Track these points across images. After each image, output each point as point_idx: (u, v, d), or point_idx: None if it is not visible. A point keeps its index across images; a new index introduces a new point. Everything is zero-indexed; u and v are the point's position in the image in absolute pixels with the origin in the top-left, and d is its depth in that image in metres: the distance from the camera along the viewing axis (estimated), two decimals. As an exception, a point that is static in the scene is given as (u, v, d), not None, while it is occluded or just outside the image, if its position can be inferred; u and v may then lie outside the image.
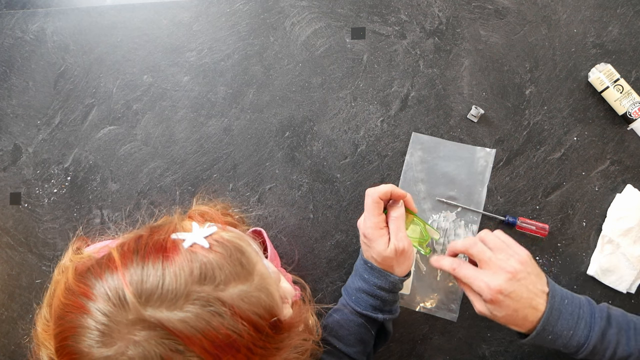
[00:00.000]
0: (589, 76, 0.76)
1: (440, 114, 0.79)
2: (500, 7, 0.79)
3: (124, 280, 0.42)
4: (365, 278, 0.67)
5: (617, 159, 0.76)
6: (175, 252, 0.44)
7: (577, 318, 0.59)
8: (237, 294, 0.44)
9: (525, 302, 0.58)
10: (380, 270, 0.66)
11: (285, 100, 0.82)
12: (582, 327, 0.58)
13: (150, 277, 0.42)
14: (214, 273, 0.44)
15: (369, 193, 0.67)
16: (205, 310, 0.42)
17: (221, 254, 0.46)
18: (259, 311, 0.45)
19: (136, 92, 0.85)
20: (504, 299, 0.58)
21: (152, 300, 0.41)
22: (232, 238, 0.49)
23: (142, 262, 0.43)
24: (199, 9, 0.84)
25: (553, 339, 0.59)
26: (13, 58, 0.87)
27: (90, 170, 0.85)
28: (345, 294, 0.71)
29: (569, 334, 0.58)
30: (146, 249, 0.45)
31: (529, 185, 0.77)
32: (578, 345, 0.59)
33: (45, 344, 0.48)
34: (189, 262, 0.44)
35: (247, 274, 0.46)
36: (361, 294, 0.67)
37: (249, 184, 0.82)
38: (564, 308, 0.59)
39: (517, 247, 0.63)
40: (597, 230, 0.76)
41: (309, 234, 0.81)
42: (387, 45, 0.81)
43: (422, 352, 0.78)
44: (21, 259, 0.85)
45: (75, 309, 0.43)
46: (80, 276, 0.45)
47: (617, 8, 0.77)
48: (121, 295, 0.41)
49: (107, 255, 0.46)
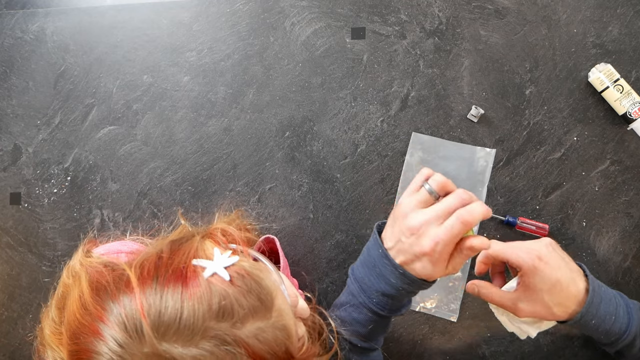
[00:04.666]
0: (589, 76, 0.76)
1: (440, 114, 0.79)
2: (500, 7, 0.79)
3: (141, 309, 0.42)
4: (393, 284, 0.57)
5: (617, 159, 0.76)
6: (195, 282, 0.44)
7: (615, 305, 0.57)
8: (253, 333, 0.43)
9: (566, 273, 0.56)
10: (418, 281, 0.56)
11: (285, 100, 0.82)
12: (622, 314, 0.56)
13: (169, 309, 0.41)
14: (232, 309, 0.43)
15: (469, 219, 0.51)
16: (220, 349, 0.41)
17: (241, 288, 0.45)
18: (274, 351, 0.44)
19: (136, 92, 0.85)
20: (545, 266, 0.56)
21: (168, 335, 0.41)
22: (253, 270, 0.47)
23: (161, 290, 0.43)
24: (199, 9, 0.84)
25: (596, 324, 0.56)
26: (13, 58, 0.87)
27: (90, 170, 0.85)
28: (362, 292, 0.60)
29: (612, 319, 0.56)
30: (166, 276, 0.44)
31: (529, 185, 0.77)
32: (620, 332, 0.56)
33: (53, 347, 0.48)
34: (208, 295, 0.43)
35: (266, 310, 0.45)
36: (385, 298, 0.58)
37: (249, 184, 0.82)
38: (603, 293, 0.57)
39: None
40: (598, 230, 0.76)
41: (309, 234, 0.81)
42: (387, 45, 0.81)
43: (422, 352, 0.78)
44: (21, 259, 0.85)
45: (90, 332, 0.43)
46: (97, 295, 0.44)
47: (617, 8, 0.77)
48: (138, 326, 0.41)
49: (125, 276, 0.45)
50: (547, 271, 0.56)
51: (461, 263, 0.55)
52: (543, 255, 0.57)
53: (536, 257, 0.56)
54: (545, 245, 0.58)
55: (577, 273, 0.58)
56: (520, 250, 0.58)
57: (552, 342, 0.76)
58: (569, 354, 0.76)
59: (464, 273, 0.77)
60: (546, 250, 0.57)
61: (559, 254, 0.58)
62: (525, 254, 0.57)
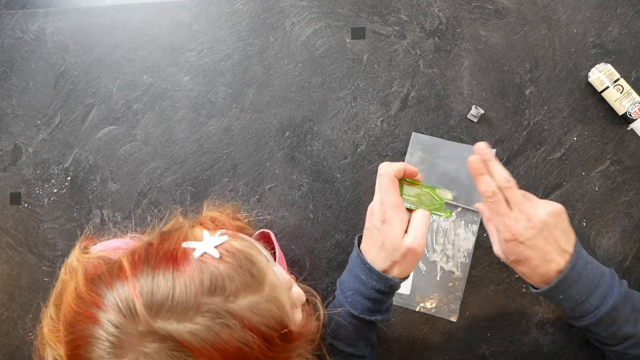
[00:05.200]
0: (589, 76, 0.76)
1: (440, 114, 0.79)
2: (500, 7, 0.79)
3: (134, 291, 0.42)
4: (363, 280, 0.62)
5: (617, 159, 0.76)
6: (186, 262, 0.44)
7: (594, 287, 0.57)
8: (247, 306, 0.44)
9: (539, 255, 0.56)
10: (380, 273, 0.60)
11: (285, 100, 0.82)
12: (597, 296, 0.57)
13: (161, 289, 0.42)
14: (224, 284, 0.44)
15: (383, 172, 0.61)
16: (215, 323, 0.42)
17: (231, 264, 0.46)
18: (269, 322, 0.45)
19: (136, 92, 0.85)
20: (514, 245, 0.57)
21: (162, 312, 0.41)
22: (243, 247, 0.48)
23: (153, 272, 0.43)
24: (199, 9, 0.84)
25: (563, 299, 0.57)
26: (13, 58, 0.87)
27: (90, 170, 0.85)
28: (340, 291, 0.66)
29: (582, 298, 0.57)
30: (156, 259, 0.45)
31: (529, 185, 0.77)
32: (584, 312, 0.57)
33: (51, 344, 0.48)
34: (199, 273, 0.44)
35: (258, 284, 0.46)
36: (357, 297, 0.63)
37: (249, 184, 0.82)
38: (585, 272, 0.57)
39: (553, 202, 0.60)
40: (598, 230, 0.76)
41: (309, 234, 0.81)
42: (387, 45, 0.81)
43: (422, 352, 0.78)
44: (21, 259, 0.85)
45: (86, 319, 0.43)
46: (91, 284, 0.45)
47: (617, 8, 0.77)
48: (132, 306, 0.42)
49: (117, 263, 0.46)
50: (516, 249, 0.57)
51: (421, 233, 0.59)
52: (519, 234, 0.57)
53: (510, 235, 0.57)
54: (530, 227, 0.57)
55: (559, 253, 0.57)
56: (503, 222, 0.58)
57: (552, 342, 0.76)
58: (569, 354, 0.76)
59: (464, 273, 0.77)
60: (529, 234, 0.57)
61: (547, 235, 0.57)
62: (505, 228, 0.58)
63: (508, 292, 0.77)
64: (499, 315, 0.77)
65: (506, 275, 0.77)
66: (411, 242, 0.58)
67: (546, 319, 0.76)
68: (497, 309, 0.77)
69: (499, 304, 0.77)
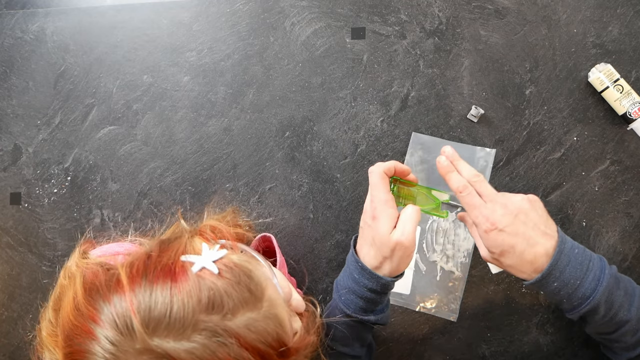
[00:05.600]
0: (589, 76, 0.76)
1: (440, 114, 0.79)
2: (500, 7, 0.79)
3: (131, 307, 0.42)
4: (356, 278, 0.62)
5: (617, 159, 0.76)
6: (184, 277, 0.44)
7: (586, 269, 0.56)
8: (244, 323, 0.44)
9: (523, 240, 0.56)
10: (371, 272, 0.60)
11: (285, 100, 0.82)
12: (590, 279, 0.56)
13: (158, 305, 0.42)
14: (222, 301, 0.43)
15: (373, 170, 0.62)
16: (211, 341, 0.42)
17: (229, 280, 0.45)
18: (266, 340, 0.44)
19: (136, 92, 0.85)
20: (497, 234, 0.56)
21: (159, 330, 0.41)
22: (242, 261, 0.48)
23: (151, 287, 0.43)
24: (199, 9, 0.84)
25: (558, 287, 0.56)
26: (13, 58, 0.87)
27: (90, 170, 0.85)
28: (335, 290, 0.66)
29: (576, 283, 0.56)
30: (155, 273, 0.44)
31: (529, 185, 0.77)
32: (582, 297, 0.56)
33: (50, 348, 0.48)
34: (197, 289, 0.43)
35: (256, 300, 0.46)
36: (350, 295, 0.63)
37: (249, 184, 0.82)
38: (574, 256, 0.56)
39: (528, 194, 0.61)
40: (598, 230, 0.76)
41: (309, 234, 0.81)
42: (387, 45, 0.81)
43: (422, 352, 0.78)
44: (21, 259, 0.85)
45: (83, 333, 0.43)
46: (89, 296, 0.45)
47: (617, 8, 0.77)
48: (129, 323, 0.41)
49: (115, 275, 0.46)
50: (499, 238, 0.57)
51: (410, 227, 0.59)
52: (498, 222, 0.56)
53: (490, 225, 0.57)
54: (508, 213, 0.57)
55: (543, 237, 0.57)
56: (481, 214, 0.58)
57: (552, 342, 0.76)
58: (569, 354, 0.76)
59: (464, 273, 0.77)
60: (507, 220, 0.56)
61: (522, 220, 0.57)
62: (483, 220, 0.57)
63: (508, 292, 0.77)
64: (499, 315, 0.77)
65: (506, 275, 0.77)
66: (399, 236, 0.58)
67: (546, 319, 0.76)
68: (497, 309, 0.77)
69: (499, 304, 0.77)
